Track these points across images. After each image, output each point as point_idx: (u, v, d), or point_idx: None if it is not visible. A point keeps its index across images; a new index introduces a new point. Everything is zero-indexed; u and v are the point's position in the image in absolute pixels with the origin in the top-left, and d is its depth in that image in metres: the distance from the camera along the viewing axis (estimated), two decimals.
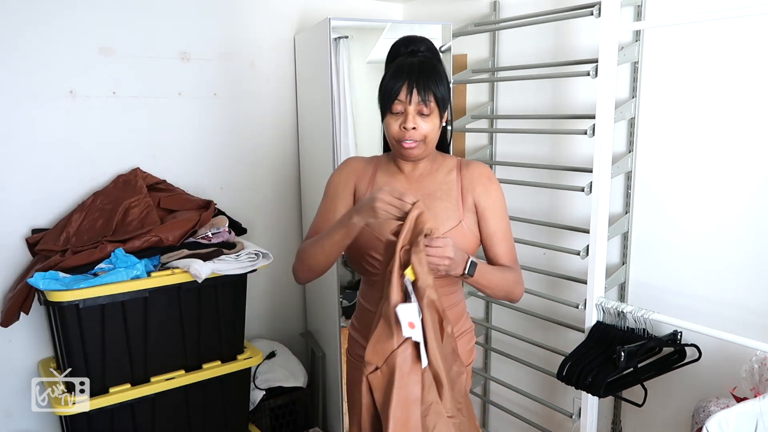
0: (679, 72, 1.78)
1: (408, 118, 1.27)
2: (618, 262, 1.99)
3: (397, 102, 1.27)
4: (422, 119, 1.28)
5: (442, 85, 1.29)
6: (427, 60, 1.31)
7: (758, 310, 1.66)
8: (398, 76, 1.27)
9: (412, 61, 1.30)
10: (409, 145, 1.30)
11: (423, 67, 1.28)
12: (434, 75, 1.28)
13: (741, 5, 1.61)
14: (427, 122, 1.29)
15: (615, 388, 1.72)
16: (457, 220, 1.36)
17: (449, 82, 1.37)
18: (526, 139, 2.27)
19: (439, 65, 1.33)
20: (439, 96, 1.28)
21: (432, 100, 1.27)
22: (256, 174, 2.50)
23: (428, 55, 1.34)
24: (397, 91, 1.27)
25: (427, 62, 1.30)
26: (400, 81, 1.27)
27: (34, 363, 2.06)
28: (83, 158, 2.07)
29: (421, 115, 1.28)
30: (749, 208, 1.66)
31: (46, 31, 1.95)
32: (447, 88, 1.32)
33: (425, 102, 1.27)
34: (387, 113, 1.30)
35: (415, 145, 1.30)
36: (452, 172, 1.40)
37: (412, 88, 1.26)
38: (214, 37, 2.31)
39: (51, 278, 1.69)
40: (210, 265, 1.87)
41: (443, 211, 1.36)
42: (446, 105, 1.32)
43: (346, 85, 2.24)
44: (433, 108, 1.28)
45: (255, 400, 2.28)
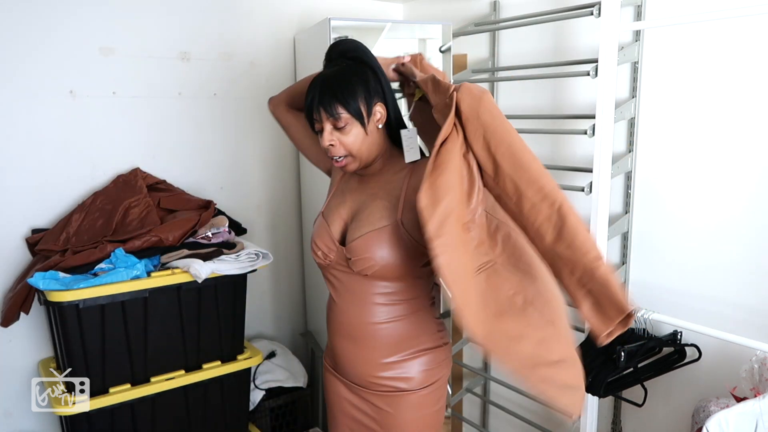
0: (679, 72, 1.78)
1: (324, 136, 1.25)
2: (618, 262, 1.99)
3: (315, 121, 1.27)
4: (341, 133, 1.25)
5: (354, 92, 1.23)
6: (340, 69, 1.26)
7: (758, 310, 1.66)
8: (309, 93, 1.26)
9: (322, 75, 1.27)
10: (338, 162, 1.28)
11: (330, 81, 1.24)
12: (341, 86, 1.23)
13: (741, 5, 1.61)
14: (347, 135, 1.24)
15: (615, 388, 1.72)
16: (390, 220, 1.26)
17: (374, 81, 1.27)
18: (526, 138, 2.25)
19: (355, 67, 1.26)
20: (351, 106, 1.22)
21: (342, 112, 1.22)
22: (256, 174, 2.50)
23: (343, 63, 1.28)
24: (309, 110, 1.26)
25: (336, 73, 1.25)
26: (308, 99, 1.26)
27: (34, 363, 2.06)
28: (83, 158, 2.07)
29: (339, 129, 1.25)
30: (749, 208, 1.66)
31: (46, 31, 1.95)
32: (366, 91, 1.25)
33: (335, 117, 1.23)
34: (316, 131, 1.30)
35: (343, 161, 1.28)
36: (402, 171, 1.32)
37: (319, 106, 1.23)
38: (214, 37, 2.31)
39: (51, 278, 1.69)
40: (210, 265, 1.87)
41: (378, 210, 1.29)
42: (365, 111, 1.24)
43: None
44: (347, 119, 1.23)
45: (255, 400, 2.28)
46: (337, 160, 1.28)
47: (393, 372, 1.33)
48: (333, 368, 1.45)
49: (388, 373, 1.33)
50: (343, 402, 1.43)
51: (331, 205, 1.41)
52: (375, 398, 1.36)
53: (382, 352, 1.32)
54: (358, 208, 1.35)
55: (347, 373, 1.39)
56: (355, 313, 1.33)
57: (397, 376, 1.32)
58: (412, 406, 1.34)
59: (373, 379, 1.34)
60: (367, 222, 1.29)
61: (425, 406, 1.36)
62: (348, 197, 1.38)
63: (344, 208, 1.37)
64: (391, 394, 1.33)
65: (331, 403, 1.48)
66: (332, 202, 1.41)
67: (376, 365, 1.33)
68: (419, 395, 1.33)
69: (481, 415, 2.61)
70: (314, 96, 1.24)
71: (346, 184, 1.42)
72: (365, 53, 1.30)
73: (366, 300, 1.32)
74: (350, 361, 1.37)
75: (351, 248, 1.28)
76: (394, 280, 1.30)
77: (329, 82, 1.24)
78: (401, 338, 1.32)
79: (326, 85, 1.24)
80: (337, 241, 1.34)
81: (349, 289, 1.34)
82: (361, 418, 1.40)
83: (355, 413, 1.41)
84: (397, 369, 1.32)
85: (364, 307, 1.32)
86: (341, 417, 1.45)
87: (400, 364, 1.32)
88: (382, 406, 1.35)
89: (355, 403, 1.41)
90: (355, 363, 1.36)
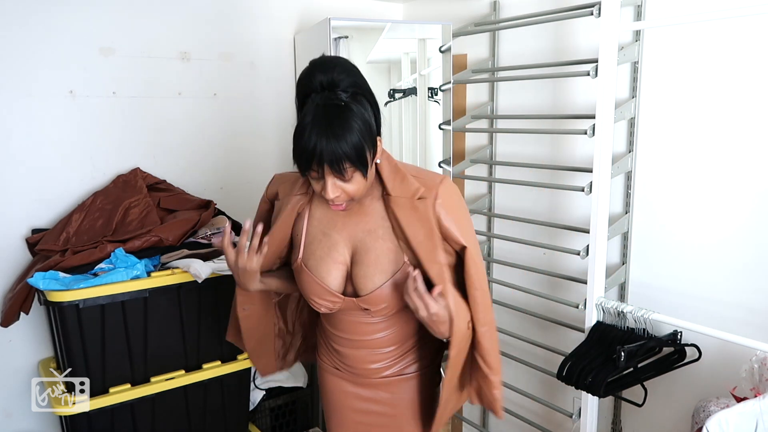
0: (679, 72, 1.78)
1: (327, 189, 1.16)
2: (618, 262, 1.99)
3: (313, 172, 1.15)
4: (344, 182, 1.17)
5: (361, 145, 1.12)
6: (340, 115, 1.12)
7: (758, 310, 1.66)
8: (308, 142, 1.11)
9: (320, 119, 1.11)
10: (337, 207, 1.22)
11: (335, 132, 1.10)
12: (348, 138, 1.10)
13: (741, 5, 1.61)
14: (351, 183, 1.17)
15: (615, 388, 1.72)
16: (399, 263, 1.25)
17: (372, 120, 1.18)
18: (526, 139, 2.27)
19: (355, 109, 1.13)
20: (356, 159, 1.13)
21: (348, 167, 1.13)
22: (256, 174, 2.49)
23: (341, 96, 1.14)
24: (308, 161, 1.13)
25: (339, 120, 1.11)
26: (308, 152, 1.11)
27: (34, 363, 2.06)
28: (83, 158, 2.07)
29: (343, 179, 1.16)
30: (749, 208, 1.66)
31: (46, 31, 1.95)
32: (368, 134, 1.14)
33: (341, 172, 1.13)
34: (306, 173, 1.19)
35: (343, 205, 1.22)
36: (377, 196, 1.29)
37: (323, 164, 1.12)
38: (214, 37, 2.31)
39: (51, 278, 1.68)
40: (210, 265, 1.87)
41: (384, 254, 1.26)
42: (369, 159, 1.17)
43: None
44: (352, 173, 1.15)
45: (255, 400, 2.28)
46: (336, 206, 1.22)
47: (400, 362, 1.39)
48: (334, 366, 1.45)
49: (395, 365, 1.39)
50: (347, 397, 1.44)
51: (315, 253, 1.30)
52: (384, 386, 1.40)
53: (388, 353, 1.38)
54: (357, 247, 1.28)
55: (352, 368, 1.41)
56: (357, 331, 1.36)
57: (404, 365, 1.40)
58: (419, 387, 1.42)
59: (381, 372, 1.39)
60: (378, 268, 1.26)
61: (430, 385, 1.45)
62: (336, 236, 1.29)
63: (338, 251, 1.29)
64: (399, 378, 1.40)
65: (333, 402, 1.48)
66: (312, 248, 1.30)
67: (383, 361, 1.39)
68: (424, 376, 1.42)
69: (481, 415, 2.61)
70: (318, 149, 1.10)
71: (321, 223, 1.32)
72: (362, 82, 1.19)
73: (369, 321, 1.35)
74: (357, 362, 1.39)
75: (369, 300, 1.27)
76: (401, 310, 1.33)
77: (334, 133, 1.10)
78: (405, 337, 1.39)
79: (332, 137, 1.10)
80: (340, 289, 1.30)
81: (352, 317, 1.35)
82: (369, 407, 1.43)
83: (362, 404, 1.43)
84: (403, 359, 1.40)
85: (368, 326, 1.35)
86: (347, 413, 1.46)
87: (405, 354, 1.40)
88: (393, 391, 1.41)
89: (361, 394, 1.42)
90: (362, 364, 1.39)
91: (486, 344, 1.29)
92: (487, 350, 1.30)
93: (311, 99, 1.15)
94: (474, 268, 1.25)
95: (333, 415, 1.50)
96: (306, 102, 1.17)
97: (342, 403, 1.46)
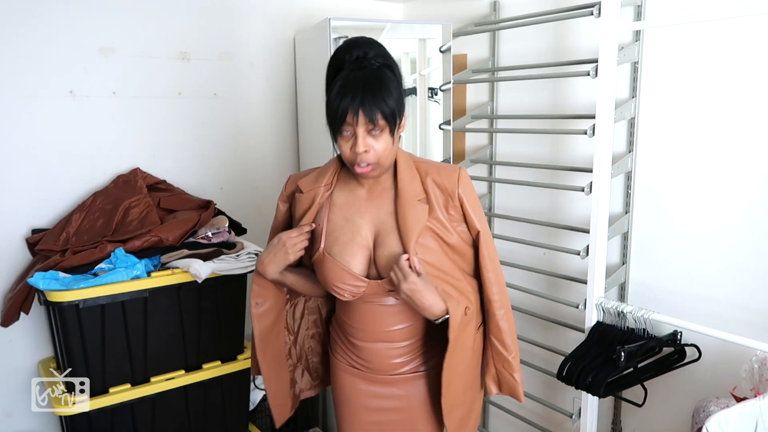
0: (679, 72, 1.78)
1: (358, 142, 1.20)
2: (618, 262, 1.99)
3: (346, 125, 1.20)
4: (373, 139, 1.21)
5: (392, 98, 1.20)
6: (373, 72, 1.21)
7: (758, 310, 1.66)
8: (343, 95, 1.18)
9: (356, 76, 1.19)
10: (363, 169, 1.23)
11: (368, 83, 1.18)
12: (381, 90, 1.19)
13: (741, 5, 1.61)
14: (379, 141, 1.21)
15: (615, 388, 1.72)
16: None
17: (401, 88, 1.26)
18: (526, 139, 2.27)
19: (387, 73, 1.23)
20: (388, 112, 1.19)
21: (380, 118, 1.18)
22: (256, 174, 2.49)
23: (374, 63, 1.22)
24: (344, 113, 1.18)
25: (372, 75, 1.20)
26: (345, 102, 1.18)
27: (34, 363, 2.06)
28: (83, 158, 2.07)
29: (373, 135, 1.21)
30: (749, 208, 1.66)
31: (46, 31, 1.95)
32: (399, 97, 1.23)
33: (374, 122, 1.18)
34: (337, 135, 1.23)
35: (369, 168, 1.24)
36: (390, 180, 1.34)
37: (358, 109, 1.17)
38: (214, 38, 2.31)
39: (51, 278, 1.69)
40: (210, 265, 1.87)
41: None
42: (398, 118, 1.23)
43: None
44: (383, 126, 1.20)
45: (255, 400, 2.28)
46: (361, 166, 1.23)
47: (416, 359, 1.40)
48: (349, 364, 1.45)
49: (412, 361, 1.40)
50: (361, 396, 1.44)
51: (339, 239, 1.32)
52: (400, 383, 1.41)
53: (405, 347, 1.39)
54: (380, 230, 1.31)
55: (371, 367, 1.41)
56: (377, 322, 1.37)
57: (420, 361, 1.41)
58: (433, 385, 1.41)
59: (397, 368, 1.40)
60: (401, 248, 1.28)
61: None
62: (359, 220, 1.32)
63: (361, 235, 1.31)
64: (415, 375, 1.40)
65: (346, 401, 1.47)
66: (336, 235, 1.33)
67: (401, 357, 1.39)
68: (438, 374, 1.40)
69: (481, 415, 2.61)
70: (354, 98, 1.17)
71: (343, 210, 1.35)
72: (393, 60, 1.27)
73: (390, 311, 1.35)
74: (374, 357, 1.39)
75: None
76: None
77: (371, 87, 1.18)
78: (423, 330, 1.40)
79: (368, 89, 1.18)
80: (364, 273, 1.31)
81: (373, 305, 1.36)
82: (383, 404, 1.43)
83: (376, 402, 1.43)
84: (420, 355, 1.40)
85: (387, 317, 1.36)
86: (360, 412, 1.45)
87: (422, 349, 1.40)
88: (407, 389, 1.41)
89: (375, 391, 1.42)
90: (379, 359, 1.39)
91: (504, 326, 1.34)
92: (505, 332, 1.34)
93: (345, 68, 1.22)
94: (487, 251, 1.32)
95: (345, 414, 1.49)
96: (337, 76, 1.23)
97: (355, 402, 1.45)
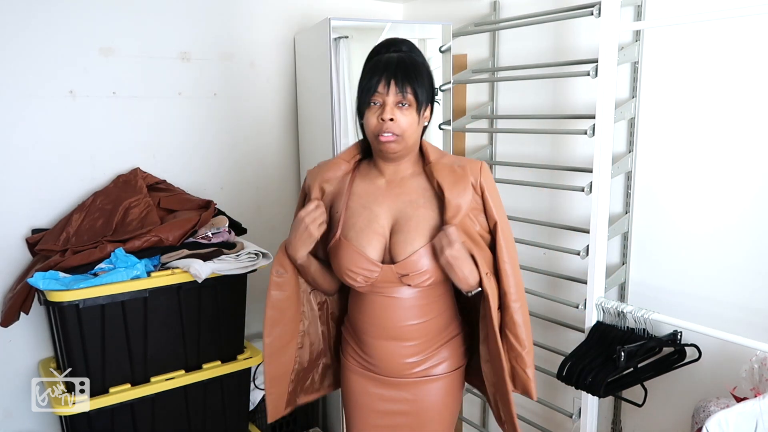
0: (679, 72, 1.78)
1: (386, 109, 1.25)
2: (618, 262, 1.99)
3: (376, 94, 1.25)
4: (400, 112, 1.25)
5: (422, 80, 1.27)
6: (408, 56, 1.29)
7: (758, 310, 1.66)
8: (376, 70, 1.26)
9: (391, 56, 1.28)
10: (387, 138, 1.26)
11: (402, 61, 1.27)
12: (413, 69, 1.26)
13: (741, 5, 1.61)
14: (406, 115, 1.25)
15: (615, 388, 1.72)
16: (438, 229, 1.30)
17: (433, 82, 1.33)
18: (526, 139, 2.27)
19: (421, 62, 1.31)
20: (418, 90, 1.26)
21: (410, 92, 1.25)
22: (256, 174, 2.49)
23: (410, 53, 1.31)
24: (376, 83, 1.25)
25: (407, 58, 1.28)
26: (378, 74, 1.25)
27: (34, 363, 2.06)
28: (83, 158, 2.07)
29: (400, 108, 1.26)
30: (749, 208, 1.66)
31: (46, 31, 1.95)
32: (429, 85, 1.30)
33: (403, 94, 1.25)
34: (365, 108, 1.28)
35: (393, 138, 1.26)
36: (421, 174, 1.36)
37: (390, 80, 1.24)
38: (214, 37, 2.31)
39: (51, 278, 1.69)
40: (210, 265, 1.87)
41: (425, 220, 1.32)
42: (424, 102, 1.28)
43: (346, 85, 2.23)
44: (411, 101, 1.26)
45: (255, 400, 2.28)
46: (385, 136, 1.26)
47: (427, 361, 1.39)
48: (360, 366, 1.44)
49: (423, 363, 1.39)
50: (371, 398, 1.43)
51: (356, 225, 1.34)
52: (409, 387, 1.40)
53: (417, 346, 1.38)
54: (397, 218, 1.33)
55: (381, 368, 1.40)
56: (389, 317, 1.36)
57: (431, 364, 1.39)
58: (444, 390, 1.41)
59: (407, 370, 1.38)
60: (417, 233, 1.29)
61: (454, 389, 1.44)
62: (377, 209, 1.34)
63: (378, 222, 1.33)
64: (425, 379, 1.39)
65: (355, 404, 1.47)
66: (353, 221, 1.34)
67: (412, 357, 1.38)
68: (449, 379, 1.41)
69: (481, 415, 2.61)
70: (388, 70, 1.25)
71: (362, 198, 1.36)
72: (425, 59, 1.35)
73: (404, 305, 1.35)
74: (385, 356, 1.38)
75: (407, 264, 1.29)
76: (437, 285, 1.35)
77: (405, 63, 1.26)
78: (435, 330, 1.39)
79: (402, 64, 1.26)
80: (379, 260, 1.31)
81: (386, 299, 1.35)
82: (393, 407, 1.42)
83: (386, 405, 1.42)
84: (431, 357, 1.39)
85: (399, 311, 1.35)
86: (369, 415, 1.44)
87: (434, 352, 1.39)
88: (416, 393, 1.40)
89: (385, 394, 1.41)
90: (390, 358, 1.38)
91: (519, 320, 1.33)
92: (520, 326, 1.33)
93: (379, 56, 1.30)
94: (504, 242, 1.33)
95: (355, 417, 1.48)
96: None
97: (365, 405, 1.44)
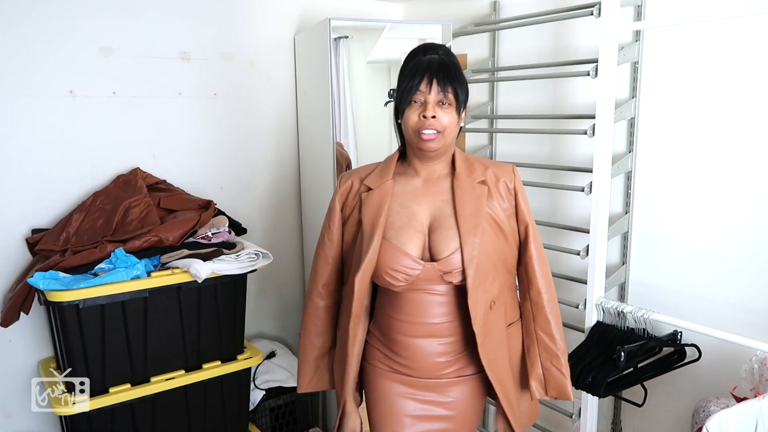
0: (679, 72, 1.78)
1: (428, 107, 1.28)
2: (618, 262, 1.99)
3: (418, 93, 1.28)
4: (441, 110, 1.28)
5: (462, 81, 1.31)
6: (447, 59, 1.33)
7: (758, 310, 1.66)
8: (418, 70, 1.29)
9: (432, 57, 1.31)
10: (428, 135, 1.28)
11: (443, 62, 1.30)
12: (454, 70, 1.31)
13: (741, 5, 1.61)
14: (446, 114, 1.29)
15: (615, 388, 1.72)
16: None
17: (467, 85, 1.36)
18: (526, 139, 2.27)
19: (459, 66, 1.35)
20: (459, 90, 1.29)
21: (451, 92, 1.28)
22: (256, 174, 2.50)
23: (448, 56, 1.35)
24: (418, 82, 1.28)
25: (447, 60, 1.32)
26: (420, 74, 1.28)
27: (34, 363, 2.06)
28: (83, 158, 2.07)
29: (441, 107, 1.29)
30: (749, 209, 1.66)
31: (46, 31, 1.95)
32: (466, 88, 1.33)
33: (444, 93, 1.28)
34: (406, 107, 1.30)
35: (434, 135, 1.28)
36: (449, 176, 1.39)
37: (432, 79, 1.27)
38: (214, 37, 2.31)
39: (51, 278, 1.68)
40: (210, 265, 1.87)
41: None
42: (463, 103, 1.32)
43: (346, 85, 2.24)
44: (452, 100, 1.29)
45: (255, 400, 2.28)
46: (427, 134, 1.29)
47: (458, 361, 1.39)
48: (391, 368, 1.42)
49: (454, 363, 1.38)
50: (403, 401, 1.40)
51: (395, 224, 1.35)
52: (442, 388, 1.40)
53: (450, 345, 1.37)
54: (436, 215, 1.34)
55: (415, 369, 1.38)
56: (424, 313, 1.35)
57: (462, 365, 1.39)
58: (475, 391, 1.42)
59: (440, 369, 1.38)
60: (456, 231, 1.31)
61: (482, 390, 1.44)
62: (415, 207, 1.36)
63: (417, 220, 1.34)
64: (456, 379, 1.39)
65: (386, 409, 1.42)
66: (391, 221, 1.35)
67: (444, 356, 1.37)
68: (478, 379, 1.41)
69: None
70: (430, 69, 1.28)
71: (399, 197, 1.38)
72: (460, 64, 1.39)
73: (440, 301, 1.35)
74: (419, 355, 1.37)
75: (448, 262, 1.30)
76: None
77: (446, 64, 1.30)
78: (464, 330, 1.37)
79: (443, 65, 1.30)
80: (420, 258, 1.32)
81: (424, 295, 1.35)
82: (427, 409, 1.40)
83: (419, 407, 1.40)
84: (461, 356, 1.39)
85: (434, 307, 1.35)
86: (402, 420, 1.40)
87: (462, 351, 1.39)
88: (449, 393, 1.40)
89: (418, 396, 1.40)
90: (424, 357, 1.37)
91: (552, 320, 1.38)
92: (554, 326, 1.38)
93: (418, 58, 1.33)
94: (534, 243, 1.39)
95: (385, 424, 1.43)
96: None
97: (397, 409, 1.41)
